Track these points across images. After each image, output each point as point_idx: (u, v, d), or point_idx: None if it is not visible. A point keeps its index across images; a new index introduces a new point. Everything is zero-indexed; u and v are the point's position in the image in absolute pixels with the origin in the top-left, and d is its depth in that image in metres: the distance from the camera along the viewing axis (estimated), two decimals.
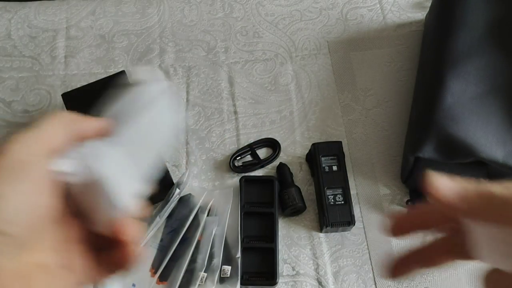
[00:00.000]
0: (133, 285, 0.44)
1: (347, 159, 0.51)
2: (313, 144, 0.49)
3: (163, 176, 0.46)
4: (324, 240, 0.48)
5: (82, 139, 0.22)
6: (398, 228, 0.22)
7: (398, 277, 0.22)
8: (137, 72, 0.23)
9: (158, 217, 0.46)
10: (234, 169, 0.51)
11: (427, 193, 0.20)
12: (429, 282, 0.46)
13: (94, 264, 0.22)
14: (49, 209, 0.20)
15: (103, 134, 0.23)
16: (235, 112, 0.55)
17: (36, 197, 0.19)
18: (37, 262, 0.20)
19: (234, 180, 0.50)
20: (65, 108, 0.49)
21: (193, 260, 0.44)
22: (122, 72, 0.51)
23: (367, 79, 0.57)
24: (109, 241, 0.22)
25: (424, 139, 0.44)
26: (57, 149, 0.20)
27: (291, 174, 0.50)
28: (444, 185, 0.20)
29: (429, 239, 0.22)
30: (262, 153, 0.52)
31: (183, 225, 0.46)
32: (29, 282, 0.19)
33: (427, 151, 0.44)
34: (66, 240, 0.21)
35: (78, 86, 0.50)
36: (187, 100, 0.56)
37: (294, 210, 0.48)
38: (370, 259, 0.47)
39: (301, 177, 0.51)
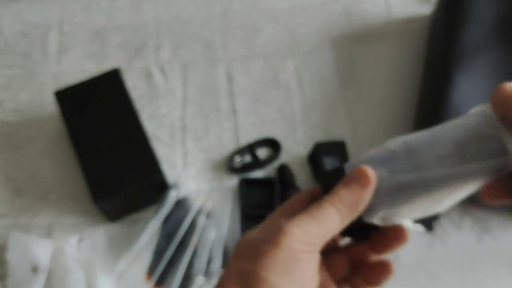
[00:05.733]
0: None
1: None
2: (315, 144, 0.48)
3: (159, 177, 0.44)
4: None
5: None
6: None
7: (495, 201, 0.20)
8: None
9: (154, 220, 0.45)
10: (233, 170, 0.49)
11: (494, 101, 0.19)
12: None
13: None
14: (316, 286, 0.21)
15: None
16: (234, 111, 0.53)
17: (306, 285, 0.20)
18: None
19: (232, 181, 0.49)
20: (58, 106, 0.47)
21: (190, 264, 0.43)
22: (117, 70, 0.49)
23: (371, 76, 0.55)
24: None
25: None
26: (326, 240, 0.21)
27: (292, 175, 0.49)
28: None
29: None
30: (262, 153, 0.51)
31: (180, 228, 0.45)
32: None
33: None
34: None
35: (72, 83, 0.49)
36: (184, 98, 0.54)
37: None
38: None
39: (302, 178, 0.49)
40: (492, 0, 0.49)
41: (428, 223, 0.46)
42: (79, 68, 0.56)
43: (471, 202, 0.47)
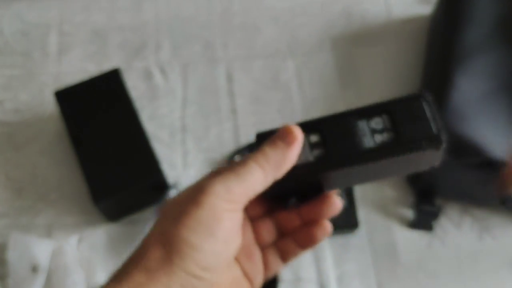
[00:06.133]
0: None
1: None
2: None
3: (158, 177, 0.44)
4: (327, 243, 0.46)
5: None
6: None
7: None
8: None
9: (154, 220, 0.45)
10: None
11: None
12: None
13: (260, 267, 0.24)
14: (238, 248, 0.21)
15: None
16: (234, 111, 0.53)
17: (228, 245, 0.20)
18: (227, 282, 0.22)
19: None
20: (58, 107, 0.48)
21: None
22: (117, 70, 0.49)
23: (371, 76, 0.55)
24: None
25: None
26: (250, 196, 0.20)
27: None
28: None
29: None
30: None
31: None
32: None
33: None
34: (241, 253, 0.23)
35: (72, 83, 0.49)
36: (184, 98, 0.54)
37: None
38: (374, 264, 0.45)
39: None
40: (492, 0, 0.49)
41: (428, 223, 0.46)
42: (79, 68, 0.56)
43: (471, 202, 0.47)
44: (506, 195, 0.20)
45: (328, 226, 0.23)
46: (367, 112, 0.22)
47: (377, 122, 0.21)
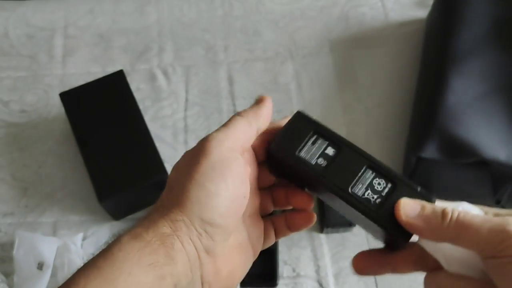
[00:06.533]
0: None
1: None
2: None
3: (162, 176, 0.45)
4: (325, 241, 0.47)
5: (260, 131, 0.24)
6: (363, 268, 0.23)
7: (363, 274, 0.23)
8: None
9: None
10: None
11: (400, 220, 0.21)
12: None
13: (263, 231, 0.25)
14: (247, 197, 0.23)
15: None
16: (235, 112, 0.54)
17: (239, 190, 0.22)
18: (236, 243, 0.23)
19: None
20: (63, 108, 0.48)
21: None
22: (120, 72, 0.50)
23: (368, 78, 0.56)
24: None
25: (426, 139, 0.44)
26: (244, 145, 0.23)
27: None
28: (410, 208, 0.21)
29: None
30: None
31: None
32: (233, 261, 0.23)
33: (429, 151, 0.43)
34: (243, 217, 0.24)
35: (76, 85, 0.50)
36: (186, 100, 0.55)
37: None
38: None
39: None
40: (487, 4, 0.49)
41: None
42: (84, 70, 0.57)
43: (466, 201, 0.48)
44: None
45: (312, 217, 0.26)
46: (381, 170, 0.23)
47: (379, 183, 0.22)
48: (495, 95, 0.45)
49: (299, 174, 0.24)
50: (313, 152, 0.23)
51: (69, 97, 0.49)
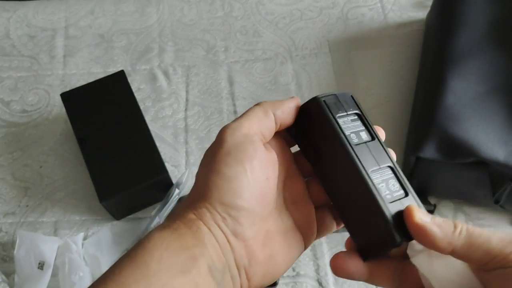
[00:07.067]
0: None
1: None
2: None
3: (163, 176, 0.45)
4: (325, 240, 0.47)
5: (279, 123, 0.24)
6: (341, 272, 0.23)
7: (339, 276, 0.23)
8: None
9: (157, 217, 0.46)
10: None
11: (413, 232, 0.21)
12: None
13: (314, 222, 0.25)
14: (271, 180, 0.23)
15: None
16: (235, 112, 0.55)
17: (259, 172, 0.22)
18: (274, 228, 0.23)
19: None
20: (64, 108, 0.49)
21: None
22: (121, 72, 0.50)
23: (367, 78, 0.56)
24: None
25: (425, 139, 0.44)
26: (262, 131, 0.23)
27: None
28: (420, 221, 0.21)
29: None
30: None
31: None
32: (271, 246, 0.23)
33: (428, 151, 0.43)
34: (286, 203, 0.24)
35: (77, 85, 0.50)
36: (187, 100, 0.55)
37: None
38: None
39: None
40: (485, 5, 0.50)
41: None
42: (85, 71, 0.57)
43: (465, 200, 0.48)
44: None
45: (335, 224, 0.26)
46: (399, 176, 0.23)
47: (394, 185, 0.23)
48: (494, 96, 0.45)
49: (329, 136, 0.23)
50: (350, 126, 0.23)
51: (70, 97, 0.49)
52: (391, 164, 0.23)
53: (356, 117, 0.24)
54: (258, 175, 0.22)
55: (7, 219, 0.48)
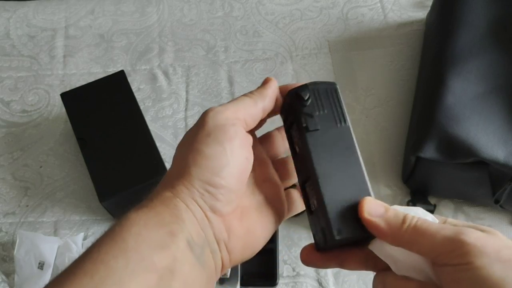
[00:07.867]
0: None
1: None
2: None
3: (162, 176, 0.45)
4: None
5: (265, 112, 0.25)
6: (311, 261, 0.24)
7: (309, 265, 0.24)
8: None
9: None
10: None
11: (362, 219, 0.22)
12: None
13: (283, 198, 0.26)
14: (249, 160, 0.23)
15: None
16: None
17: (238, 153, 0.23)
18: (250, 204, 0.24)
19: None
20: (64, 108, 0.49)
21: None
22: (121, 72, 0.50)
23: (367, 78, 0.56)
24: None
25: (425, 139, 0.44)
26: (246, 119, 0.24)
27: None
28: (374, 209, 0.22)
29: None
30: None
31: None
32: (249, 221, 0.23)
33: (428, 151, 0.43)
34: (256, 182, 0.25)
35: (77, 85, 0.50)
36: (187, 100, 0.56)
37: None
38: None
39: None
40: (485, 5, 0.50)
41: None
42: (85, 71, 0.57)
43: (465, 200, 0.48)
44: None
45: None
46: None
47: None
48: (493, 96, 0.45)
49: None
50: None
51: (70, 97, 0.49)
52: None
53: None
54: (237, 155, 0.22)
55: (7, 219, 0.48)
